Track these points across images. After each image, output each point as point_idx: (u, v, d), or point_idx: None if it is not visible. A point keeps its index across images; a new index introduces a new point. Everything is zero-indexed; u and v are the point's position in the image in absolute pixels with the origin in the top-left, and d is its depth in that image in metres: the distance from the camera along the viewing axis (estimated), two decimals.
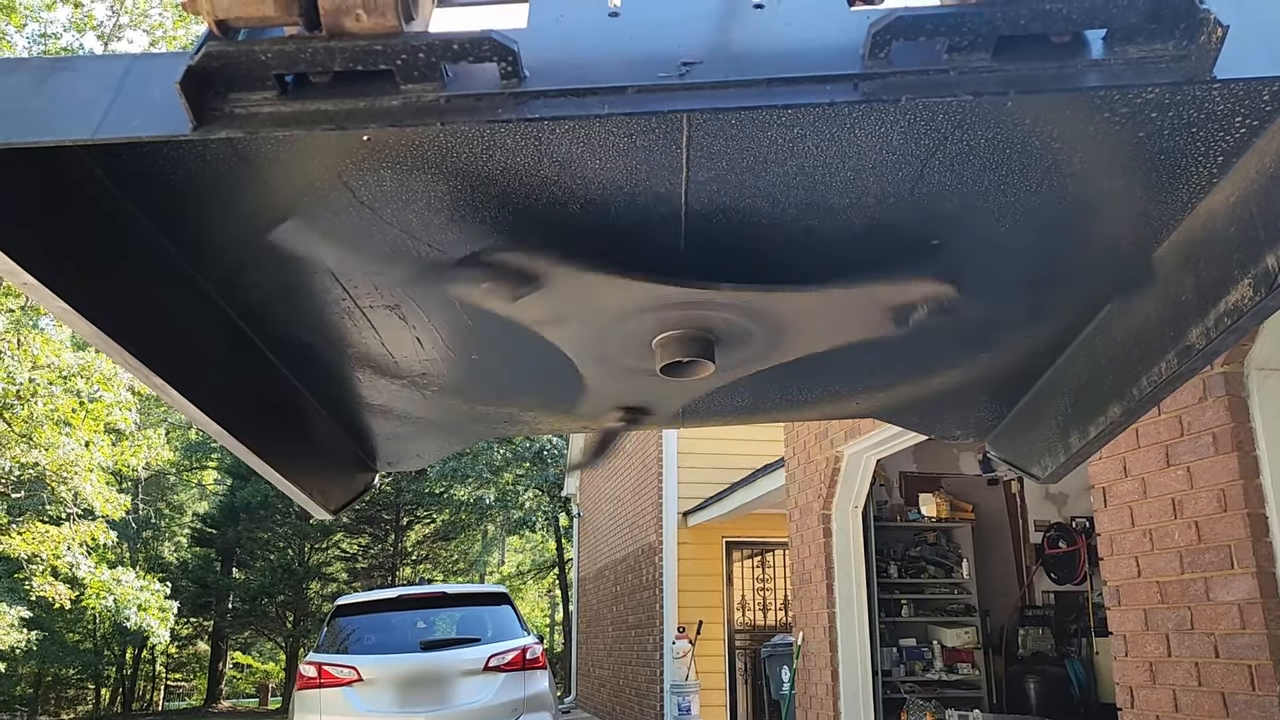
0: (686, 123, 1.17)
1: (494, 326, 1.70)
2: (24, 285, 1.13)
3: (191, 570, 29.38)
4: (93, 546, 16.11)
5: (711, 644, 12.60)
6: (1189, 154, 1.23)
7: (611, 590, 16.46)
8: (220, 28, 0.95)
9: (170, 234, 1.36)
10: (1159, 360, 1.51)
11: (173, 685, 34.24)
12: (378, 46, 0.94)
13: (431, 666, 7.73)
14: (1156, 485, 4.29)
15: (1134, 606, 4.43)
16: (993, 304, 1.69)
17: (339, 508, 2.22)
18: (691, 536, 12.96)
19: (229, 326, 1.62)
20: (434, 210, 1.31)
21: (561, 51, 1.04)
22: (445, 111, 0.99)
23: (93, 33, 16.52)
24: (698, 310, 1.65)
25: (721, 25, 1.09)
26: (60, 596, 15.65)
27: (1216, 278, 1.33)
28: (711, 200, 1.32)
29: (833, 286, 1.60)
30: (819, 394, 2.20)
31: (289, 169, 1.25)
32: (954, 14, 0.95)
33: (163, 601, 16.94)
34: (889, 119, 1.18)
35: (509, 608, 8.56)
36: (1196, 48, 0.96)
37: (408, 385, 1.94)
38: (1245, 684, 3.77)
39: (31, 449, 14.38)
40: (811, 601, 8.27)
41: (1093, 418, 1.79)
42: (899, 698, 8.47)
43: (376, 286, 1.52)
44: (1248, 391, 3.89)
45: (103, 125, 0.98)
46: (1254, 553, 3.76)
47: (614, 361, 1.86)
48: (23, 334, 14.23)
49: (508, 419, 2.29)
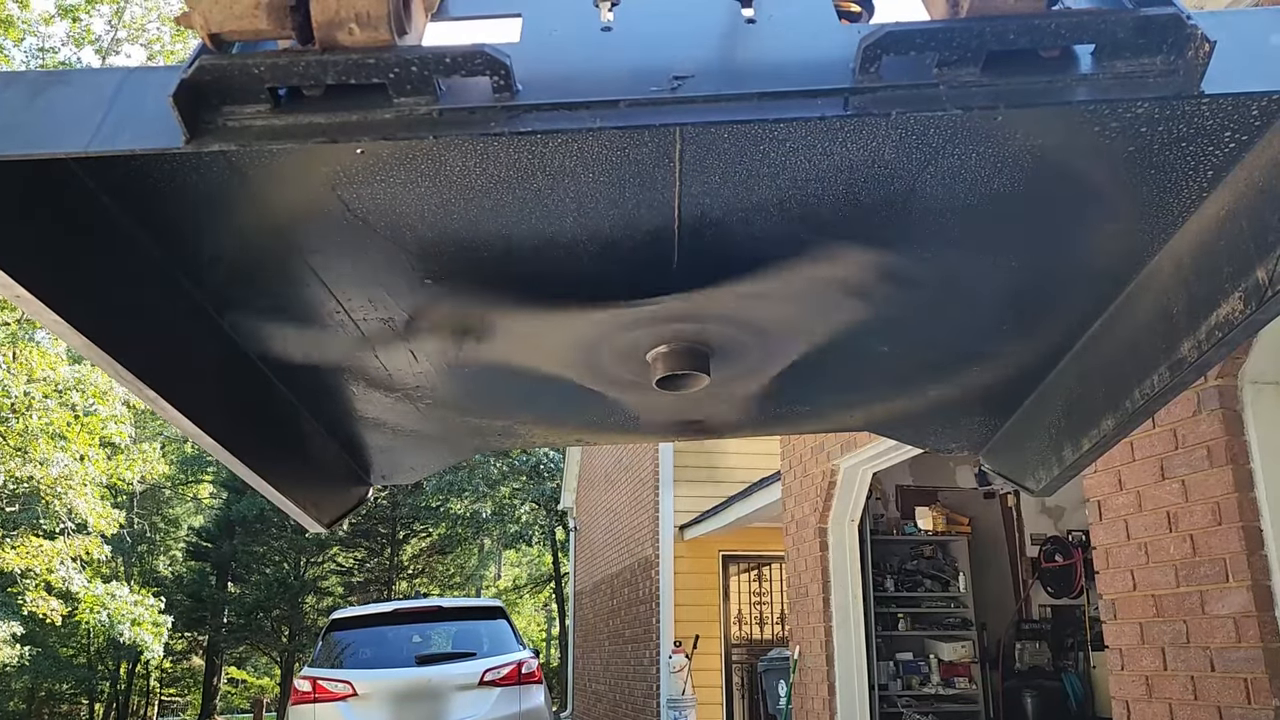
0: (679, 136, 1.17)
1: (488, 340, 1.70)
2: (17, 298, 1.13)
3: (186, 584, 29.29)
4: (87, 561, 16.04)
5: (708, 658, 12.56)
6: (1179, 168, 1.24)
7: (608, 604, 16.41)
8: (214, 41, 0.95)
9: (164, 247, 1.36)
10: (1151, 373, 1.51)
11: (167, 700, 34.03)
12: (371, 60, 0.95)
13: (427, 681, 7.70)
14: (1151, 498, 4.29)
15: (1130, 620, 4.42)
16: (985, 317, 1.70)
17: (333, 521, 2.22)
18: (688, 550, 12.94)
19: (223, 339, 1.62)
20: (427, 223, 1.32)
21: (554, 65, 1.05)
22: (438, 125, 0.99)
23: (90, 47, 16.58)
24: (692, 323, 1.66)
25: (713, 40, 1.10)
26: (53, 612, 15.58)
27: (1207, 291, 1.33)
28: (705, 213, 1.32)
29: (826, 300, 1.61)
30: (814, 407, 2.20)
31: (282, 182, 1.26)
32: (944, 29, 0.96)
33: (157, 616, 16.87)
34: (880, 133, 1.18)
35: (505, 622, 8.54)
36: (1184, 63, 0.97)
37: (402, 398, 1.93)
38: (1241, 697, 3.76)
39: (26, 463, 14.34)
40: (808, 615, 8.25)
41: (1085, 430, 1.79)
42: (896, 712, 8.45)
43: (370, 299, 1.52)
44: (1242, 404, 3.90)
45: (96, 138, 0.98)
46: (1249, 566, 3.76)
47: (609, 375, 1.86)
48: (18, 347, 14.21)
49: (503, 432, 2.28)
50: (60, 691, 29.62)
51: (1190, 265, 1.37)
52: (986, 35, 0.96)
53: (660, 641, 12.59)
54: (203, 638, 29.92)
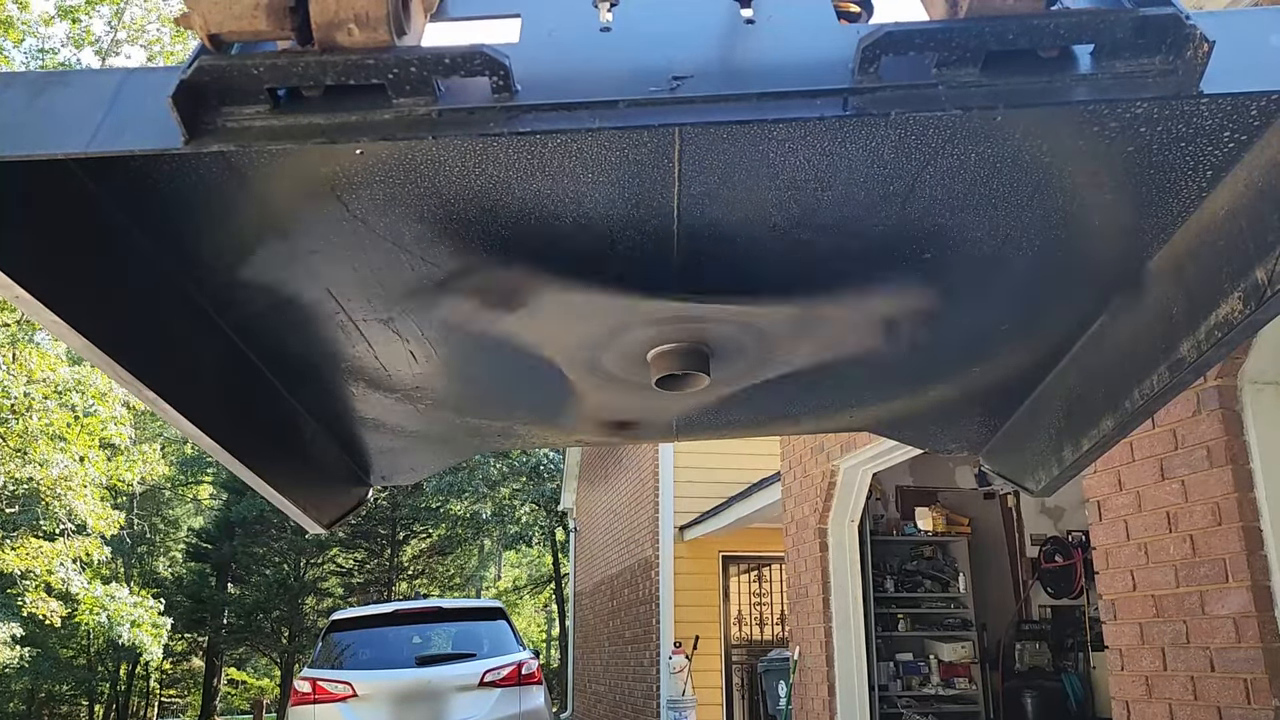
0: (678, 137, 1.17)
1: (488, 340, 1.70)
2: (17, 299, 1.13)
3: (186, 585, 29.27)
4: (86, 562, 16.04)
5: (708, 659, 12.56)
6: (1178, 168, 1.24)
7: (608, 605, 16.41)
8: (213, 42, 0.96)
9: (164, 247, 1.36)
10: (1150, 373, 1.52)
11: (167, 701, 34.01)
12: (370, 61, 0.95)
13: (427, 682, 7.70)
14: (1151, 499, 4.29)
15: (1130, 620, 4.42)
16: (985, 317, 1.70)
17: (333, 522, 2.22)
18: (688, 551, 12.94)
19: (223, 340, 1.62)
20: (426, 223, 1.32)
21: (553, 66, 1.05)
22: (437, 125, 0.99)
23: (90, 48, 16.57)
24: (692, 323, 1.66)
25: (713, 40, 1.10)
26: (53, 613, 15.57)
27: (1207, 291, 1.33)
28: (704, 214, 1.32)
29: (826, 300, 1.61)
30: (813, 407, 2.20)
31: (282, 183, 1.26)
32: (943, 29, 0.96)
33: (156, 617, 16.86)
34: (879, 133, 1.18)
35: (505, 623, 8.54)
36: (1183, 63, 0.97)
37: (402, 399, 1.93)
38: (1241, 697, 3.76)
39: (26, 464, 14.33)
40: (808, 616, 8.25)
41: (1085, 431, 1.79)
42: (896, 712, 8.45)
43: (370, 300, 1.52)
44: (1241, 405, 3.90)
45: (96, 139, 0.98)
46: (1249, 566, 3.76)
47: (608, 375, 1.86)
48: (18, 348, 14.20)
49: (502, 432, 2.28)
50: (60, 693, 29.59)
51: (1189, 265, 1.37)
52: (986, 35, 0.96)
53: (660, 642, 12.59)
54: (202, 639, 29.90)
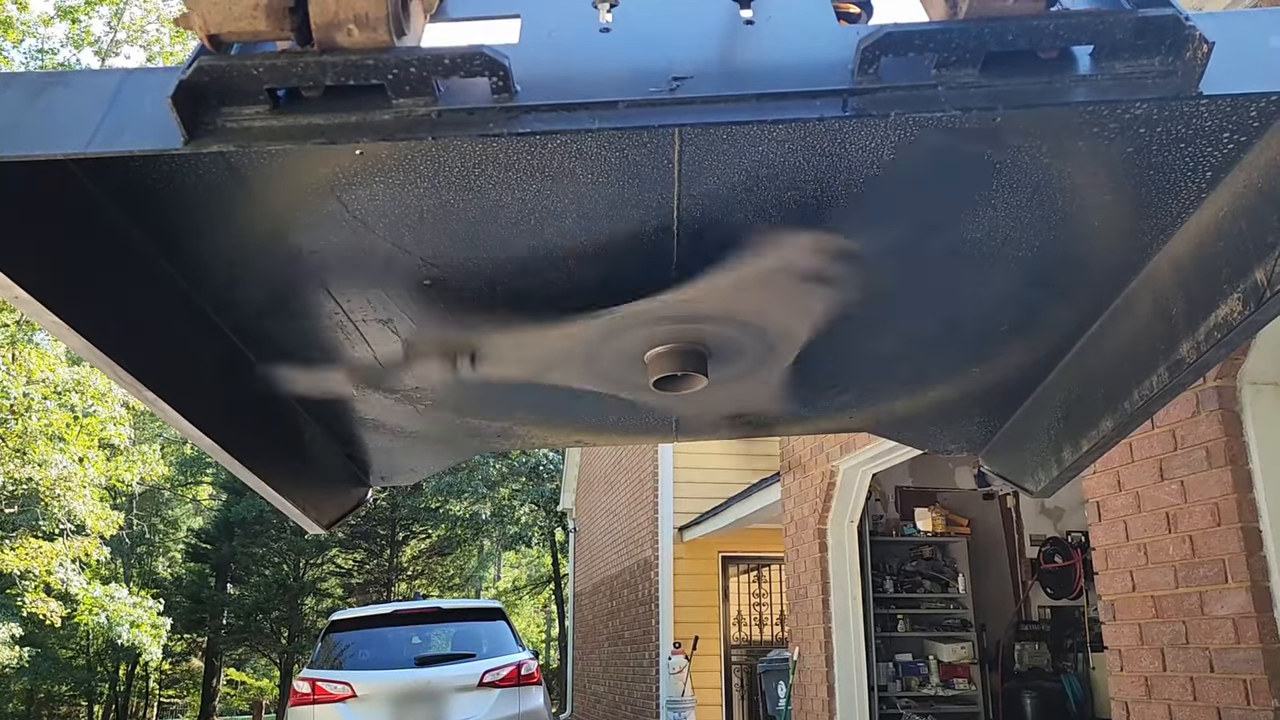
0: (678, 137, 1.17)
1: (487, 340, 1.70)
2: (16, 299, 1.13)
3: (185, 586, 29.27)
4: (86, 562, 16.04)
5: (707, 659, 12.55)
6: (1178, 169, 1.24)
7: (607, 605, 16.40)
8: (213, 42, 0.96)
9: (163, 248, 1.36)
10: (1150, 374, 1.52)
11: (166, 701, 34.01)
12: (369, 61, 0.95)
13: (426, 682, 7.69)
14: (1150, 499, 4.29)
15: (1129, 621, 4.42)
16: (984, 318, 1.70)
17: (332, 523, 2.22)
18: (687, 551, 12.93)
19: (222, 340, 1.62)
20: (426, 224, 1.32)
21: (553, 66, 1.05)
22: (437, 126, 0.99)
23: (90, 48, 16.57)
24: (690, 324, 1.66)
25: (712, 41, 1.10)
26: (52, 614, 15.57)
27: (1206, 292, 1.33)
28: (704, 214, 1.32)
29: (826, 301, 1.60)
30: (813, 407, 2.20)
31: (281, 183, 1.26)
32: (942, 30, 0.96)
33: (155, 618, 16.86)
34: (879, 134, 1.18)
35: (504, 623, 8.53)
36: (1183, 64, 0.97)
37: (401, 399, 1.93)
38: (1240, 698, 3.76)
39: (25, 464, 14.33)
40: (807, 616, 8.25)
41: (1084, 431, 1.79)
42: (895, 713, 8.45)
43: (369, 300, 1.52)
44: (1240, 405, 3.90)
45: (95, 139, 0.98)
46: (1248, 567, 3.76)
47: (607, 375, 1.86)
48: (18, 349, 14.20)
49: (501, 433, 2.28)
50: (59, 693, 29.57)
51: (1189, 266, 1.37)
52: (985, 36, 0.96)
53: (660, 643, 12.58)
54: (202, 639, 29.90)
